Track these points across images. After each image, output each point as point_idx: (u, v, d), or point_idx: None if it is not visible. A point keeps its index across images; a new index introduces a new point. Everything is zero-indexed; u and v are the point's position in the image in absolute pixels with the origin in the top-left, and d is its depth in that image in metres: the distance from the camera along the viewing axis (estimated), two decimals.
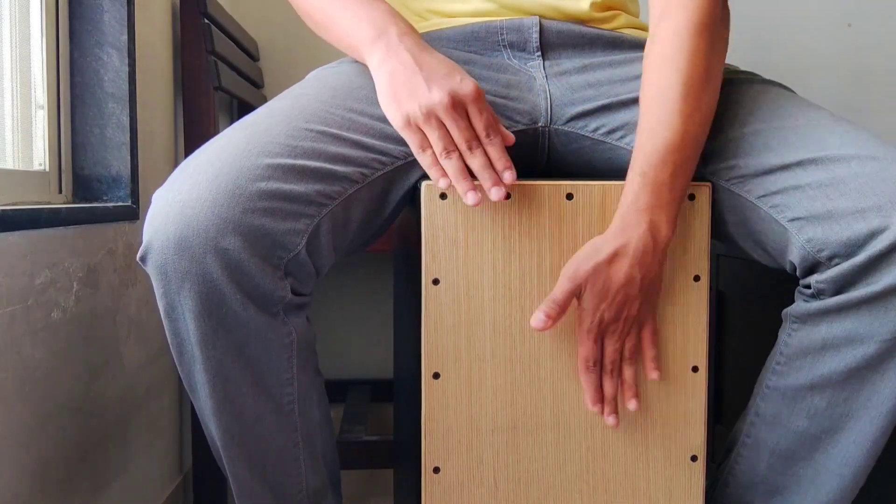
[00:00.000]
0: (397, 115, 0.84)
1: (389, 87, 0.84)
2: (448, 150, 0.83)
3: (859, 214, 0.81)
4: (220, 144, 0.83)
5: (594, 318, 0.84)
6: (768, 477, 0.92)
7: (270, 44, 1.86)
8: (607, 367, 0.86)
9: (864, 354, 0.83)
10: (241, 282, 0.78)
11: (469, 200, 0.83)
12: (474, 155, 0.83)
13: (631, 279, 0.83)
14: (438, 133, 0.83)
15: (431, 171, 0.84)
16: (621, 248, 0.83)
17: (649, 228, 0.83)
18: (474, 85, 0.84)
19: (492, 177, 0.83)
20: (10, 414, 0.90)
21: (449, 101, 0.82)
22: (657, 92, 0.86)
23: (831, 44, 1.92)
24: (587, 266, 0.84)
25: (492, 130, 0.84)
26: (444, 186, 0.84)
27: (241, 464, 0.87)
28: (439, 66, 0.84)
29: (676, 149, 0.84)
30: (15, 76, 1.08)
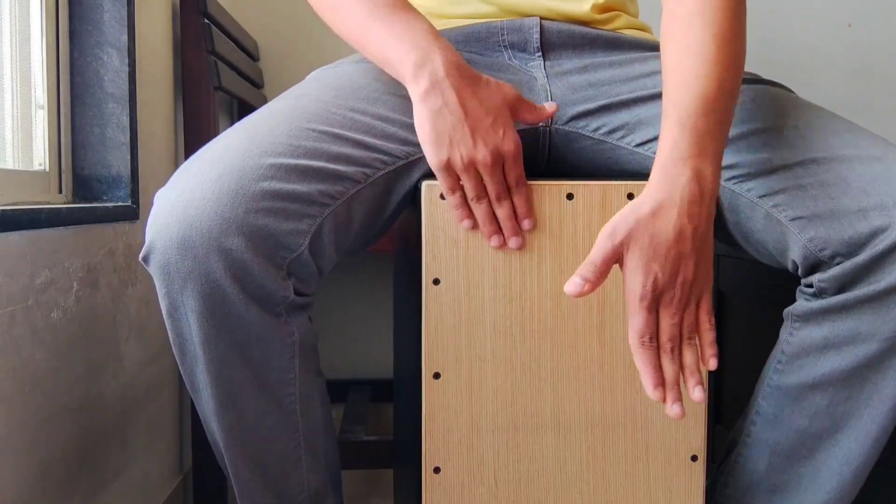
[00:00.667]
0: (437, 158, 0.83)
1: (433, 128, 0.83)
2: (480, 196, 0.85)
3: (861, 213, 0.81)
4: (222, 145, 0.83)
5: (647, 280, 0.75)
6: (769, 476, 0.92)
7: (270, 44, 1.86)
8: (666, 346, 0.76)
9: (866, 353, 0.83)
10: (244, 282, 0.78)
11: (494, 243, 0.86)
12: (501, 206, 0.85)
13: (681, 233, 0.75)
14: (474, 182, 0.84)
15: (457, 211, 0.86)
16: (665, 199, 0.76)
17: (694, 176, 0.77)
18: (515, 142, 0.84)
19: (513, 227, 0.86)
20: (11, 414, 0.90)
21: (492, 160, 0.83)
22: (687, 46, 0.82)
23: (832, 44, 1.92)
24: (629, 220, 0.76)
25: (520, 181, 0.85)
26: (466, 227, 0.86)
27: (242, 464, 0.87)
28: (485, 116, 0.84)
29: (715, 98, 0.80)
30: (15, 76, 1.08)
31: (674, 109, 0.80)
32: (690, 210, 0.76)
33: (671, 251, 0.76)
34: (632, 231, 0.76)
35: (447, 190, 0.85)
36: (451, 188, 0.85)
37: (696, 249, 0.77)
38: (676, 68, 0.82)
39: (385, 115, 0.89)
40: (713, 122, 0.79)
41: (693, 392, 0.76)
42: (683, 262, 0.76)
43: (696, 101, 0.79)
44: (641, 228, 0.76)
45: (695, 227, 0.76)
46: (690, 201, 0.76)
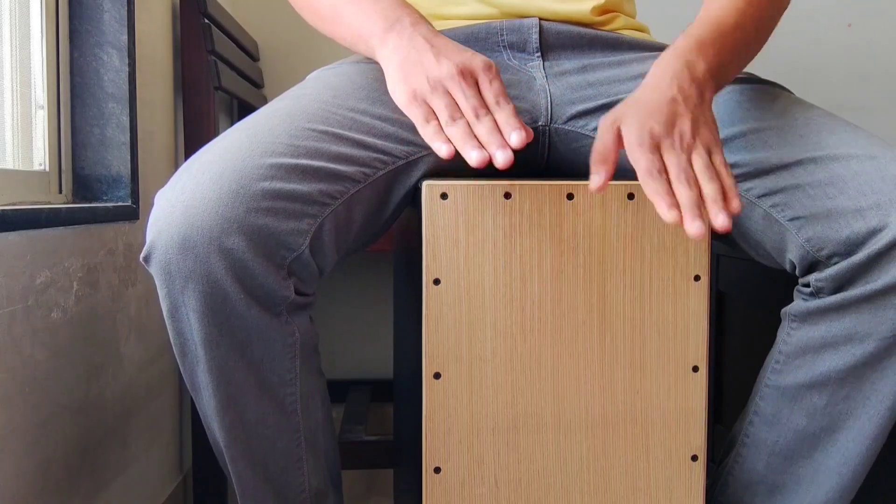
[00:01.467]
0: (404, 91, 0.81)
1: (400, 68, 0.82)
2: (454, 116, 0.78)
3: (859, 213, 0.81)
4: (222, 145, 0.83)
5: (643, 131, 0.74)
6: (768, 476, 0.92)
7: (270, 44, 1.86)
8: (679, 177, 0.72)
9: (864, 353, 0.83)
10: (245, 282, 0.79)
11: (473, 158, 0.76)
12: (482, 121, 0.78)
13: (673, 99, 0.77)
14: (445, 101, 0.79)
15: (434, 140, 0.79)
16: (655, 81, 0.78)
17: (684, 64, 0.79)
18: (486, 59, 0.81)
19: (498, 139, 0.77)
20: (11, 414, 0.90)
21: (457, 70, 0.80)
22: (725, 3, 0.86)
23: (832, 44, 1.92)
24: (621, 105, 0.78)
25: (502, 98, 0.79)
26: (445, 154, 0.78)
27: (243, 464, 0.87)
28: (451, 44, 0.82)
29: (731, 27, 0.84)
30: (15, 76, 1.08)
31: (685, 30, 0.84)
32: (680, 83, 0.78)
33: (664, 109, 0.76)
34: (624, 108, 0.77)
35: (420, 121, 0.80)
36: (424, 117, 0.80)
37: (690, 111, 0.77)
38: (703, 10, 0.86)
39: (385, 115, 0.89)
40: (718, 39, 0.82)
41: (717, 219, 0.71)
42: (679, 118, 0.76)
43: (710, 23, 0.83)
44: (633, 103, 0.77)
45: (685, 97, 0.77)
46: (680, 78, 0.78)
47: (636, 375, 0.89)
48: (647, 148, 0.73)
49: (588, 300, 0.88)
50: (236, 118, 1.80)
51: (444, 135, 0.79)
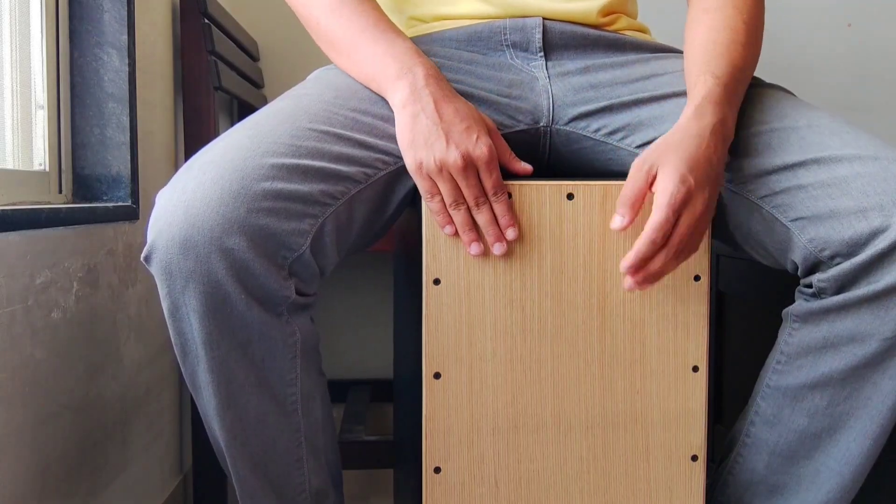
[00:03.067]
0: (412, 160, 0.85)
1: (410, 132, 0.85)
2: (457, 202, 0.85)
3: (861, 214, 0.81)
4: (223, 145, 0.83)
5: (682, 185, 0.79)
6: (768, 476, 0.92)
7: (270, 44, 1.86)
8: (673, 247, 0.80)
9: (865, 353, 0.83)
10: (246, 282, 0.78)
11: (472, 251, 0.86)
12: (481, 211, 0.85)
13: (709, 159, 0.81)
14: (449, 186, 0.84)
15: (438, 217, 0.86)
16: (696, 131, 0.83)
17: (722, 119, 0.84)
18: (488, 148, 0.84)
19: (496, 233, 0.86)
20: (11, 414, 0.90)
21: (462, 163, 0.83)
22: (723, 26, 0.91)
23: (832, 44, 1.92)
24: (658, 147, 0.82)
25: (499, 190, 0.85)
26: (448, 234, 0.86)
27: (243, 464, 0.87)
28: (459, 122, 0.85)
29: (741, 69, 0.89)
30: (15, 76, 1.08)
31: (707, 66, 0.88)
32: (716, 143, 0.83)
33: (702, 167, 0.81)
34: (661, 155, 0.81)
35: (425, 194, 0.86)
36: (429, 192, 0.85)
37: (718, 178, 0.83)
38: (709, 39, 0.91)
39: (386, 115, 0.89)
40: (738, 85, 0.89)
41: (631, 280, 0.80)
42: (710, 183, 0.81)
43: (729, 65, 0.88)
44: (672, 150, 0.81)
45: (718, 160, 0.83)
46: (717, 138, 0.83)
47: (636, 375, 0.89)
48: (675, 208, 0.79)
49: (588, 300, 0.88)
50: (236, 118, 1.80)
51: (447, 215, 0.86)
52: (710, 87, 0.86)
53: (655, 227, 0.78)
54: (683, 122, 0.84)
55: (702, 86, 0.86)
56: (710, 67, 0.88)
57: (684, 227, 0.80)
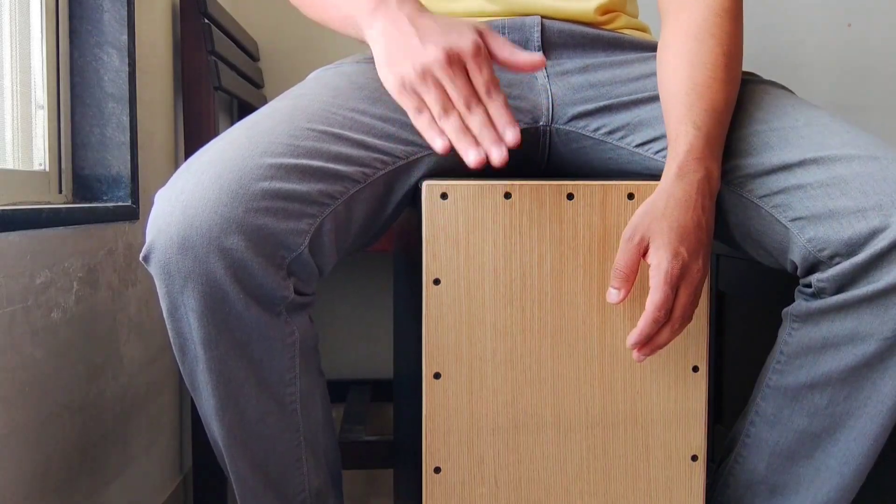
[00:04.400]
0: (391, 78, 0.80)
1: (385, 51, 0.81)
2: (446, 109, 0.78)
3: (860, 213, 0.81)
4: (222, 144, 0.83)
5: (675, 260, 0.78)
6: (769, 476, 0.92)
7: (270, 44, 1.86)
8: (676, 321, 0.79)
9: (865, 353, 0.83)
10: (245, 281, 0.79)
11: (470, 158, 0.77)
12: (474, 113, 0.78)
13: (699, 223, 0.80)
14: (435, 93, 0.78)
15: (428, 133, 0.79)
16: (683, 194, 0.80)
17: (706, 175, 0.82)
18: (473, 39, 0.78)
19: (492, 135, 0.77)
20: (11, 414, 0.90)
21: (444, 57, 0.77)
22: (700, 61, 0.87)
23: (831, 43, 1.92)
24: (646, 218, 0.80)
25: (493, 87, 0.78)
26: (440, 149, 0.78)
27: (243, 463, 0.87)
28: (436, 25, 0.80)
29: (723, 110, 0.86)
30: (15, 76, 1.08)
31: (687, 114, 0.84)
32: (704, 203, 0.81)
33: (692, 236, 0.79)
34: (651, 225, 0.79)
35: (412, 111, 0.80)
36: (416, 108, 0.79)
37: (709, 242, 0.82)
38: (688, 78, 0.87)
39: (385, 115, 0.89)
40: (720, 130, 0.85)
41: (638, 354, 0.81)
42: (703, 250, 0.80)
43: (709, 110, 0.85)
44: (660, 220, 0.79)
45: (707, 221, 0.81)
46: (704, 196, 0.81)
47: (636, 375, 0.89)
48: (672, 283, 0.78)
49: (588, 300, 0.88)
50: (236, 118, 1.80)
51: (437, 127, 0.79)
52: (692, 141, 0.82)
53: (657, 305, 0.78)
54: (667, 184, 0.81)
55: (683, 139, 0.83)
56: (690, 116, 0.84)
57: (684, 298, 0.79)
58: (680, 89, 0.86)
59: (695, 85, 0.86)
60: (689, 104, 0.85)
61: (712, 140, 0.84)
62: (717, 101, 0.85)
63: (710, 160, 0.83)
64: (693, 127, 0.83)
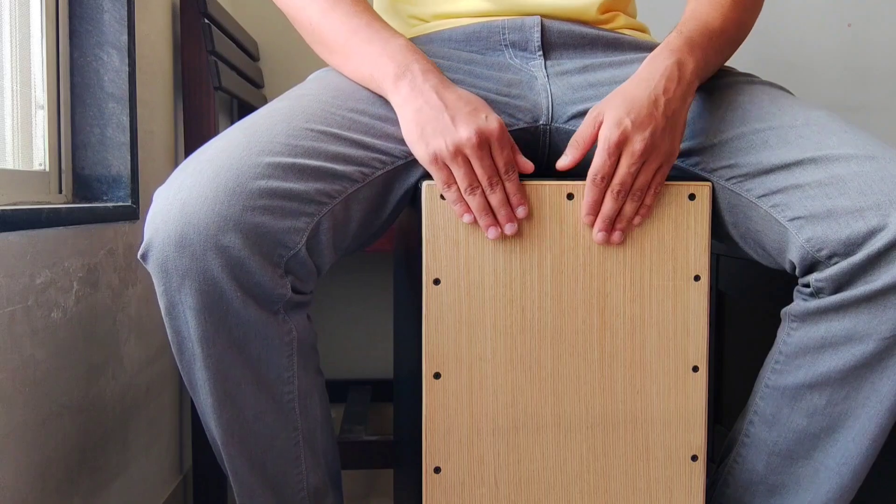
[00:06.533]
0: (425, 152, 0.84)
1: (416, 125, 0.85)
2: (473, 187, 0.84)
3: (858, 213, 0.81)
4: (220, 144, 0.83)
5: (616, 129, 0.82)
6: (768, 476, 0.92)
7: (270, 44, 1.86)
8: (615, 188, 0.84)
9: (863, 353, 0.83)
10: (242, 279, 0.79)
11: (491, 235, 0.86)
12: (494, 192, 0.84)
13: (655, 101, 0.84)
14: (464, 170, 0.84)
15: (456, 206, 0.85)
16: (645, 75, 0.86)
17: (676, 63, 0.86)
18: (499, 122, 0.84)
19: (507, 214, 0.85)
20: (11, 414, 0.90)
21: (476, 140, 0.82)
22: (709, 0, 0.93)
23: (831, 44, 1.92)
24: (609, 96, 0.86)
25: (510, 167, 0.85)
26: (467, 221, 0.85)
27: (241, 462, 0.87)
28: (464, 105, 0.85)
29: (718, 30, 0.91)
30: (15, 76, 1.08)
31: (677, 28, 0.91)
32: (667, 85, 0.85)
33: (643, 110, 0.83)
34: (610, 101, 0.85)
35: (442, 185, 0.85)
36: (445, 182, 0.85)
37: (665, 119, 0.84)
38: (691, 10, 0.94)
39: (384, 115, 0.89)
40: (707, 42, 0.90)
41: (612, 234, 0.86)
42: (654, 123, 0.83)
43: (700, 25, 0.91)
44: (618, 95, 0.85)
45: (668, 100, 0.84)
46: (668, 78, 0.85)
47: (636, 375, 0.89)
48: (610, 150, 0.83)
49: (588, 300, 0.88)
50: (236, 118, 1.80)
51: (465, 203, 0.85)
52: (671, 39, 0.89)
53: (594, 170, 0.84)
54: (639, 70, 0.87)
55: (665, 40, 0.90)
56: (678, 26, 0.91)
57: (625, 167, 0.83)
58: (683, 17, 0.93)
59: (694, 13, 0.93)
60: (683, 20, 0.93)
61: (694, 42, 0.89)
62: (711, 21, 0.91)
63: (684, 53, 0.87)
64: (676, 31, 0.90)
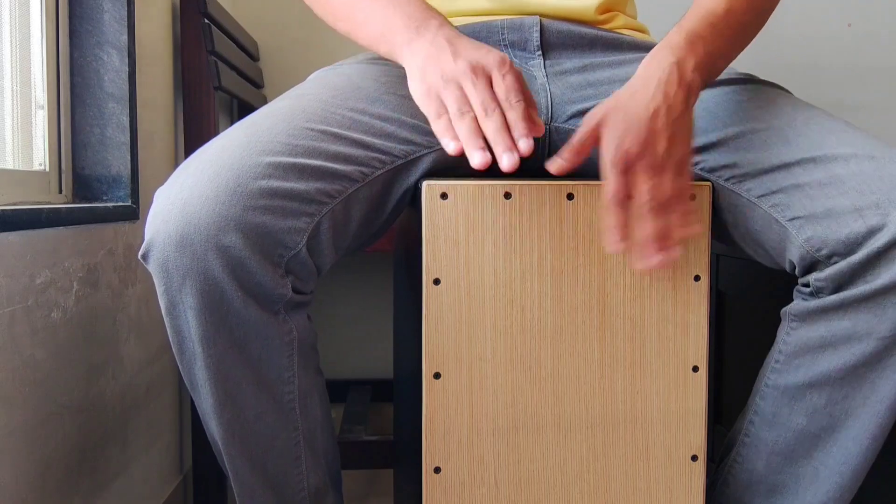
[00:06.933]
0: (420, 87, 0.82)
1: (420, 68, 0.82)
2: (462, 110, 0.78)
3: (858, 213, 0.81)
4: (221, 143, 0.83)
5: (619, 151, 0.78)
6: (768, 476, 0.92)
7: (270, 44, 1.86)
8: (642, 208, 0.78)
9: (863, 352, 0.83)
10: (242, 279, 0.79)
11: (474, 160, 0.76)
12: (490, 117, 0.77)
13: (655, 112, 0.79)
14: (455, 94, 0.79)
15: (443, 136, 0.79)
16: (644, 81, 0.81)
17: (676, 63, 0.82)
18: (501, 55, 0.81)
19: (505, 140, 0.76)
20: (11, 414, 0.90)
21: (469, 67, 0.80)
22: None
23: (832, 44, 1.92)
24: (607, 104, 0.80)
25: (514, 94, 0.79)
26: (452, 151, 0.77)
27: (241, 462, 0.87)
28: (470, 44, 0.83)
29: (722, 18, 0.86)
30: (15, 76, 1.08)
31: (683, 18, 0.87)
32: (667, 90, 0.80)
33: (643, 127, 0.79)
34: (608, 111, 0.80)
35: (432, 115, 0.80)
36: (436, 112, 0.80)
37: (669, 126, 0.80)
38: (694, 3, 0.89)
39: (385, 115, 0.89)
40: (710, 32, 0.85)
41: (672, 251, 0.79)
42: (657, 136, 0.79)
43: (701, 14, 0.86)
44: (617, 108, 0.80)
45: (668, 107, 0.80)
46: (667, 82, 0.81)
47: (636, 375, 0.89)
48: (620, 169, 0.78)
49: (588, 300, 0.88)
50: (236, 118, 1.80)
51: (453, 130, 0.78)
52: (671, 35, 0.85)
53: (611, 193, 0.78)
54: (636, 73, 0.83)
55: (665, 38, 0.86)
56: (680, 21, 0.87)
57: (642, 183, 0.78)
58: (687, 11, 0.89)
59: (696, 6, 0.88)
60: (686, 14, 0.88)
61: (694, 36, 0.84)
62: (713, 7, 0.87)
63: (684, 50, 0.83)
64: (676, 27, 0.86)
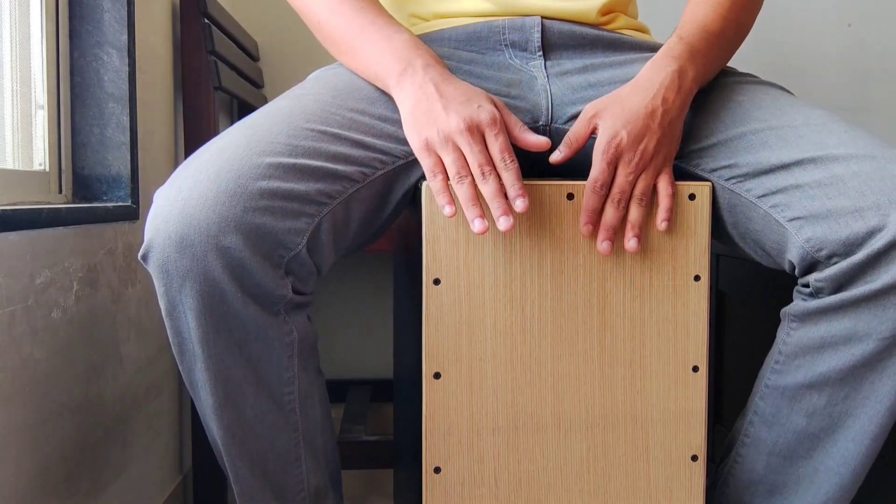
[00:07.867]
0: (416, 139, 0.85)
1: (412, 115, 0.85)
2: (461, 174, 0.82)
3: (858, 213, 0.81)
4: (221, 144, 0.83)
5: (612, 140, 0.84)
6: (767, 476, 0.92)
7: (270, 44, 1.86)
8: (614, 196, 0.84)
9: (863, 353, 0.83)
10: (243, 280, 0.79)
11: (476, 228, 0.81)
12: (486, 181, 0.81)
13: (652, 111, 0.85)
14: (454, 156, 0.82)
15: (439, 197, 0.83)
16: (645, 82, 0.87)
17: (678, 70, 0.87)
18: (492, 111, 0.84)
19: (501, 205, 0.81)
20: (11, 414, 0.90)
21: (465, 126, 0.82)
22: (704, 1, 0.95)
23: (832, 44, 1.92)
24: (606, 99, 0.87)
25: (508, 155, 0.82)
26: (448, 215, 0.82)
27: (241, 462, 0.87)
28: (459, 95, 0.85)
29: (717, 32, 0.92)
30: (15, 76, 1.08)
31: (680, 28, 0.93)
32: (666, 94, 0.86)
33: (639, 122, 0.85)
34: (606, 105, 0.86)
35: (429, 172, 0.84)
36: (432, 169, 0.84)
37: (662, 129, 0.86)
38: (690, 13, 0.95)
39: (384, 115, 0.89)
40: (707, 46, 0.91)
41: (627, 242, 0.85)
42: (649, 135, 0.85)
43: (699, 29, 0.92)
44: (615, 102, 0.86)
45: (665, 110, 0.86)
46: (668, 87, 0.87)
47: (636, 375, 0.89)
48: (607, 159, 0.84)
49: (588, 300, 0.88)
50: (236, 118, 1.80)
51: (448, 194, 0.83)
52: (671, 45, 0.90)
53: (592, 178, 0.84)
54: (639, 75, 0.88)
55: (666, 45, 0.91)
56: (678, 31, 0.92)
57: (622, 176, 0.84)
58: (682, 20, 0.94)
59: (694, 15, 0.94)
60: (682, 25, 0.93)
61: (694, 48, 0.90)
62: (709, 23, 0.92)
63: (686, 61, 0.88)
64: (677, 36, 0.91)
